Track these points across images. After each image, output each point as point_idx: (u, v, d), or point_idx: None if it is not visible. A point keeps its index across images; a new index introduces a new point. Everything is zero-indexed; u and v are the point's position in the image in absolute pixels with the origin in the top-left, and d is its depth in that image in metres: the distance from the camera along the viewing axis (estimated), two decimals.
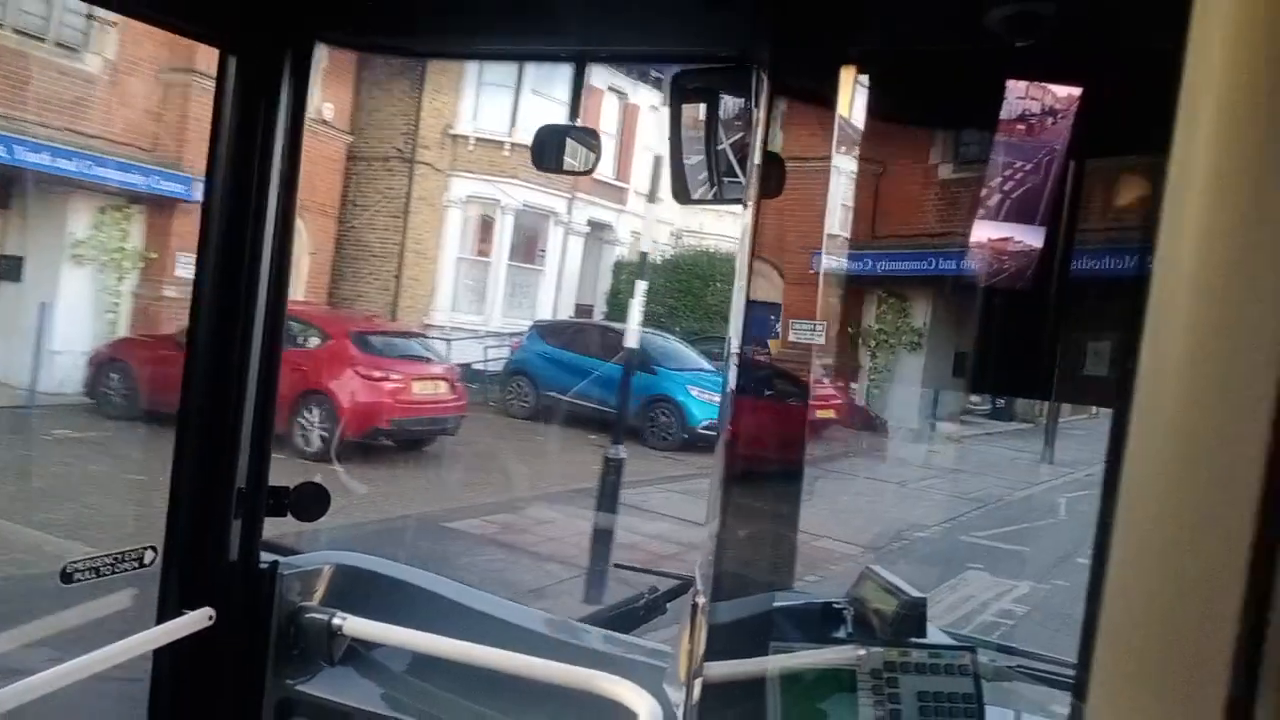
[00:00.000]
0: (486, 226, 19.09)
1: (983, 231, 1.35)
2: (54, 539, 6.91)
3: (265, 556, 2.04)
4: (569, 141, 1.92)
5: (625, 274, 20.34)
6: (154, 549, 1.98)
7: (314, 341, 11.94)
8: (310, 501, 2.09)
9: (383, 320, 16.58)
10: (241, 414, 1.95)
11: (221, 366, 1.93)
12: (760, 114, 1.51)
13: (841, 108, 1.49)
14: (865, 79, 1.52)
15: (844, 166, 1.69)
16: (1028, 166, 1.30)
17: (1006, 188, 1.33)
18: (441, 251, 18.48)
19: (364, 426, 11.58)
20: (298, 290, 15.39)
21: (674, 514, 9.98)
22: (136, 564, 1.97)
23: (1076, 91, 1.32)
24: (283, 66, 1.89)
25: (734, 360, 1.65)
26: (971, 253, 1.37)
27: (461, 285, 18.85)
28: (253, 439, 1.98)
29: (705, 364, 15.44)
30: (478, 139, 18.61)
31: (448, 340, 16.35)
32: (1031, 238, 1.28)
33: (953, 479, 13.14)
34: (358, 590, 2.13)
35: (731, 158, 1.79)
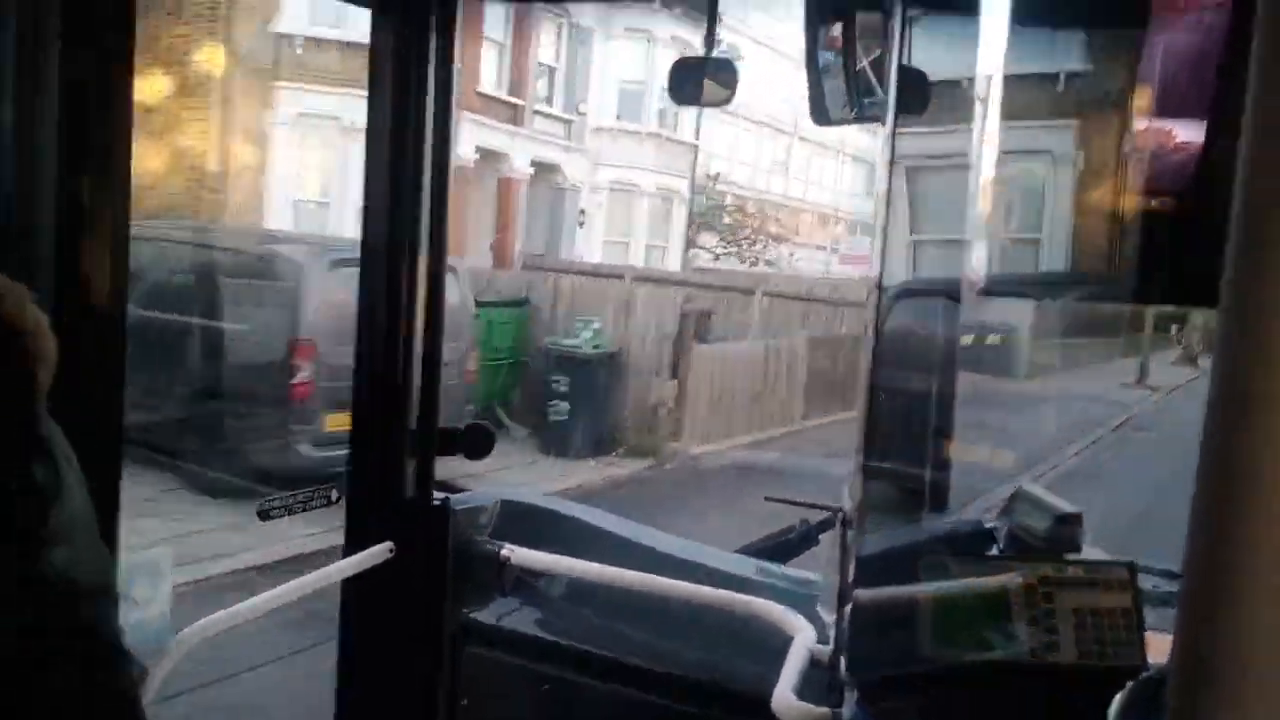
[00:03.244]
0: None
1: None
2: None
3: (437, 494, 2.17)
4: (706, 77, 1.94)
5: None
6: (338, 489, 2.14)
7: None
8: (478, 441, 2.21)
9: None
10: (411, 359, 2.08)
11: (392, 314, 2.06)
12: (895, 26, 1.49)
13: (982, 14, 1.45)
14: None
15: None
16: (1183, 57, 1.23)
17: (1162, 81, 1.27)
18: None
19: None
20: None
21: None
22: (325, 502, 2.14)
23: None
24: (429, 24, 1.98)
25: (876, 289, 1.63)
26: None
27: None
28: (422, 383, 2.10)
29: None
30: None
31: None
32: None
33: None
34: (523, 525, 2.25)
35: (871, 76, 1.76)
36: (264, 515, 2.02)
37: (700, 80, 1.89)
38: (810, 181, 28.70)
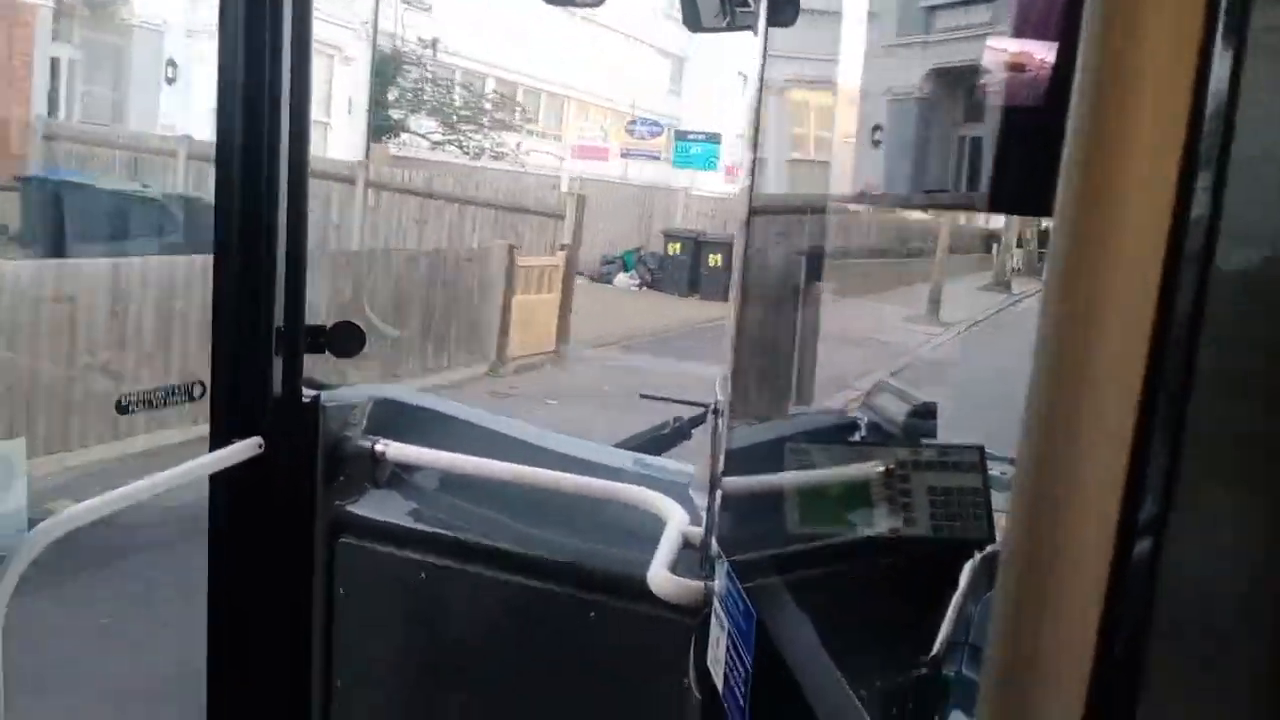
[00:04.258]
0: None
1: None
2: None
3: (308, 392, 2.14)
4: None
5: None
6: (202, 384, 2.09)
7: None
8: (346, 338, 2.17)
9: None
10: (275, 255, 2.02)
11: (251, 211, 1.99)
12: None
13: None
14: None
15: None
16: None
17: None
18: None
19: None
20: None
21: None
22: (186, 397, 2.08)
23: None
24: None
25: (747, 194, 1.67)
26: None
27: None
28: (287, 279, 2.05)
29: None
30: None
31: None
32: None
33: None
34: (398, 421, 2.24)
35: None
36: (122, 409, 1.96)
37: None
38: (594, 68, 24.88)
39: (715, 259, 18.93)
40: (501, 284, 11.80)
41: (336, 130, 18.76)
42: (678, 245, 19.88)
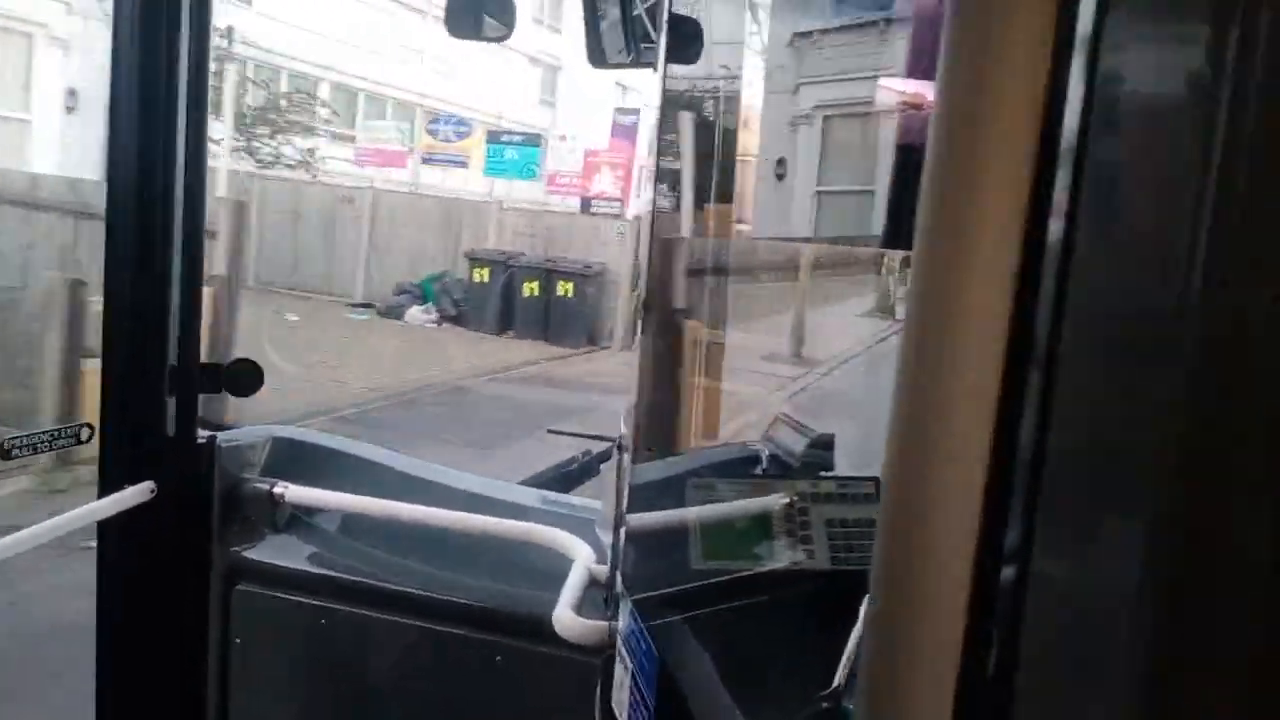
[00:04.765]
0: None
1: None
2: None
3: (203, 432, 2.07)
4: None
5: None
6: (90, 426, 2.00)
7: None
8: (244, 377, 2.11)
9: None
10: (168, 291, 1.95)
11: (145, 241, 1.93)
12: None
13: None
14: None
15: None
16: None
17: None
18: None
19: None
20: None
21: None
22: (74, 440, 1.99)
23: None
24: None
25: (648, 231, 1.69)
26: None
27: None
28: (181, 316, 1.99)
29: None
30: None
31: None
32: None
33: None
34: (298, 461, 2.19)
35: (648, 22, 1.80)
36: (4, 454, 1.87)
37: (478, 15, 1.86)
38: (453, 76, 22.24)
39: (531, 287, 15.42)
40: (58, 342, 7.09)
41: (45, 129, 13.72)
42: (485, 271, 15.72)
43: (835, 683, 1.22)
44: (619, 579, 1.56)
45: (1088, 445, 0.52)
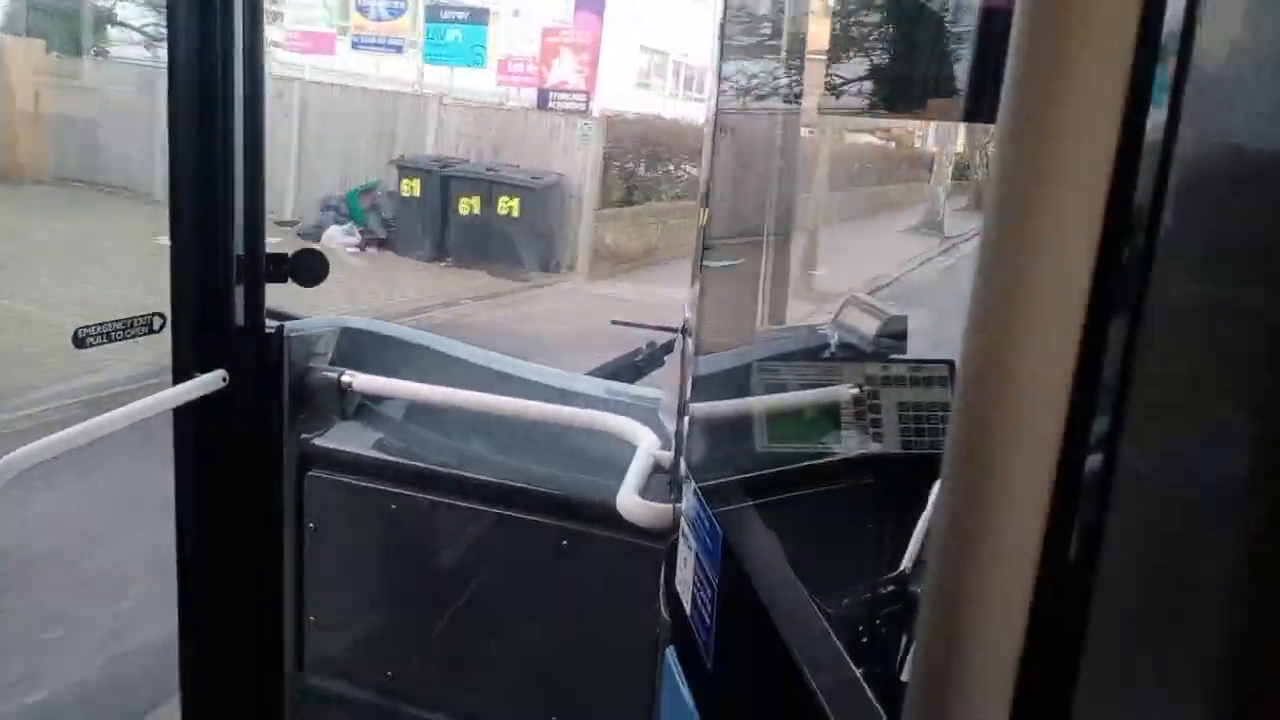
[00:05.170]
0: None
1: None
2: None
3: (271, 323, 2.09)
4: None
5: None
6: (161, 316, 2.03)
7: None
8: (310, 267, 2.12)
9: None
10: (232, 180, 1.95)
11: (206, 135, 1.92)
12: None
13: None
14: None
15: None
16: None
17: None
18: None
19: None
20: None
21: None
22: (146, 329, 2.03)
23: None
24: None
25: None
26: None
27: None
28: (246, 206, 1.99)
29: None
30: None
31: None
32: None
33: None
34: (365, 350, 2.20)
35: None
36: (79, 342, 1.91)
37: None
38: None
39: (470, 204, 12.10)
40: None
41: None
42: (415, 183, 12.44)
43: (902, 566, 1.20)
44: (683, 463, 1.54)
45: (1182, 341, 0.48)
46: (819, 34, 1.57)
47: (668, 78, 22.41)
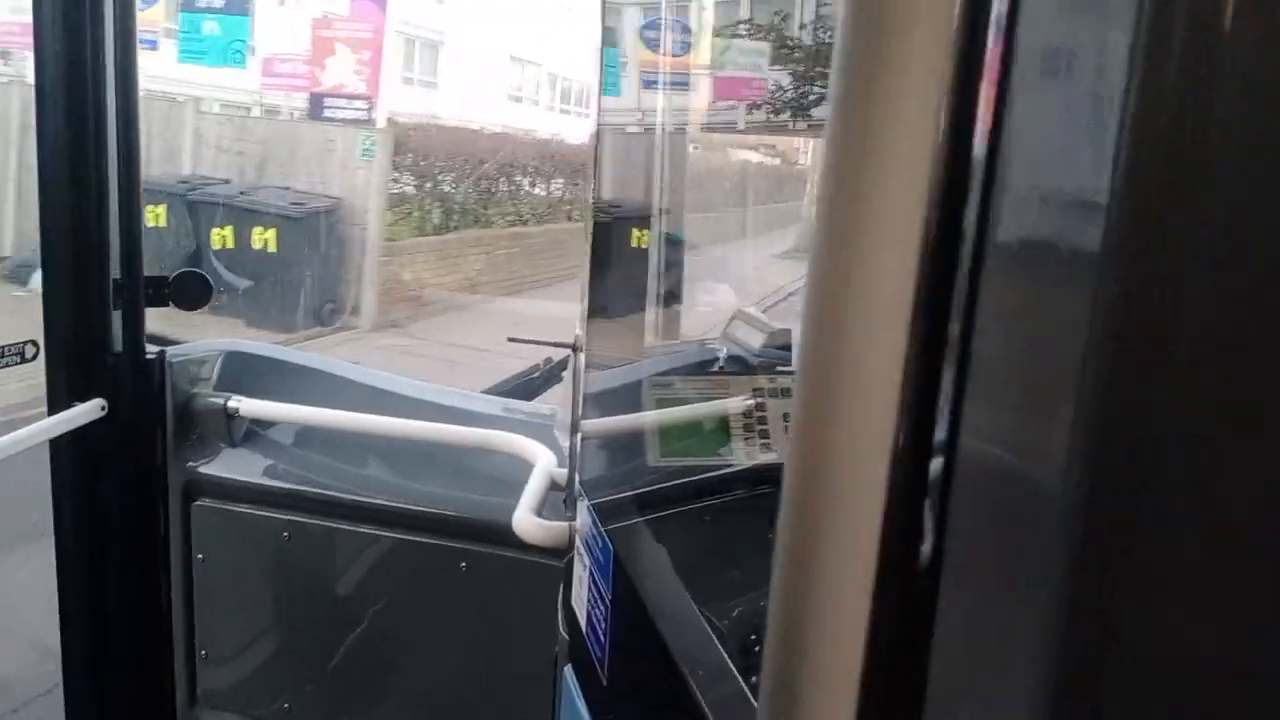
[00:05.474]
0: None
1: None
2: None
3: (152, 348, 2.02)
4: None
5: None
6: (35, 344, 1.95)
7: None
8: (192, 289, 2.05)
9: None
10: (106, 198, 1.88)
11: (78, 148, 1.85)
12: None
13: None
14: None
15: None
16: None
17: None
18: None
19: None
20: None
21: None
22: (18, 358, 1.94)
23: None
24: None
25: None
26: None
27: None
28: (122, 227, 1.92)
29: None
30: None
31: None
32: None
33: None
34: (252, 375, 2.14)
35: None
36: None
37: None
38: None
39: (222, 236, 9.42)
40: None
41: None
42: (160, 210, 9.14)
43: None
44: (577, 480, 1.54)
45: (1012, 336, 0.50)
46: (699, 56, 1.60)
47: (543, 90, 21.92)
